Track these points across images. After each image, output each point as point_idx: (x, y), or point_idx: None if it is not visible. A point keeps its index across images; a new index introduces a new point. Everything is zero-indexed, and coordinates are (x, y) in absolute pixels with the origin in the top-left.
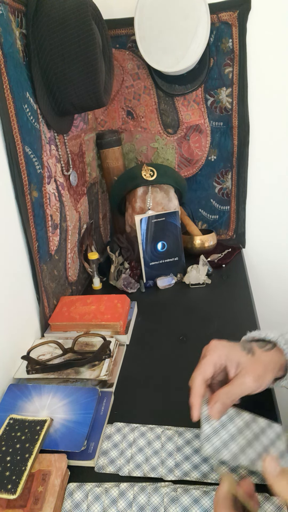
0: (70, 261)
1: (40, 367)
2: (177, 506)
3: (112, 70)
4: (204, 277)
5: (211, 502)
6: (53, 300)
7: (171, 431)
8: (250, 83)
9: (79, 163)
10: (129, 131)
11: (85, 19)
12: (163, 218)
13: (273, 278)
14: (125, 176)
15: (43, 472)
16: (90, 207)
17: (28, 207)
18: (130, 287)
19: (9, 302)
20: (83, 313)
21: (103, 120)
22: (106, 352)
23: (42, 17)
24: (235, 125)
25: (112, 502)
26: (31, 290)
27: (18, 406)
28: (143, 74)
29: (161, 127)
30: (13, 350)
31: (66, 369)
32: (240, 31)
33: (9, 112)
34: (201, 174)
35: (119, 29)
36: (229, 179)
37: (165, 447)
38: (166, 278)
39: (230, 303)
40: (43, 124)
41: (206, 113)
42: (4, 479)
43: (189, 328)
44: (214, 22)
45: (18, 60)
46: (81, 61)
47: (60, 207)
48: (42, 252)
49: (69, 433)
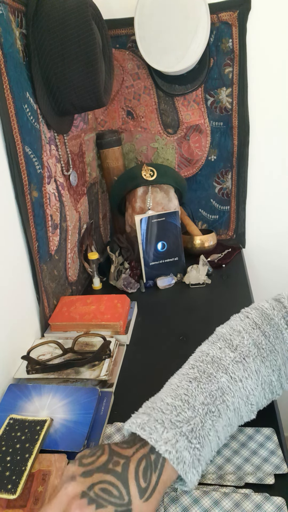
0: (70, 261)
1: (40, 367)
2: (177, 506)
3: (112, 70)
4: (204, 277)
5: (211, 502)
6: (53, 300)
7: None
8: (250, 83)
9: (79, 163)
10: (129, 131)
11: (85, 19)
12: (163, 218)
13: (273, 278)
14: (125, 176)
15: (43, 472)
16: (90, 207)
17: (28, 207)
18: (130, 287)
19: (9, 302)
20: (83, 313)
21: (103, 120)
22: (106, 352)
23: (42, 17)
24: (235, 125)
25: None
26: (31, 290)
27: (18, 406)
28: (143, 74)
29: (161, 127)
30: (13, 350)
31: (66, 369)
32: (240, 31)
33: (9, 112)
34: (201, 174)
35: (119, 29)
36: (229, 179)
37: None
38: (166, 278)
39: (230, 303)
40: (43, 124)
41: (206, 113)
42: (4, 479)
43: (189, 328)
44: (214, 22)
45: (18, 60)
46: (81, 61)
47: (60, 207)
48: (42, 252)
49: (69, 433)
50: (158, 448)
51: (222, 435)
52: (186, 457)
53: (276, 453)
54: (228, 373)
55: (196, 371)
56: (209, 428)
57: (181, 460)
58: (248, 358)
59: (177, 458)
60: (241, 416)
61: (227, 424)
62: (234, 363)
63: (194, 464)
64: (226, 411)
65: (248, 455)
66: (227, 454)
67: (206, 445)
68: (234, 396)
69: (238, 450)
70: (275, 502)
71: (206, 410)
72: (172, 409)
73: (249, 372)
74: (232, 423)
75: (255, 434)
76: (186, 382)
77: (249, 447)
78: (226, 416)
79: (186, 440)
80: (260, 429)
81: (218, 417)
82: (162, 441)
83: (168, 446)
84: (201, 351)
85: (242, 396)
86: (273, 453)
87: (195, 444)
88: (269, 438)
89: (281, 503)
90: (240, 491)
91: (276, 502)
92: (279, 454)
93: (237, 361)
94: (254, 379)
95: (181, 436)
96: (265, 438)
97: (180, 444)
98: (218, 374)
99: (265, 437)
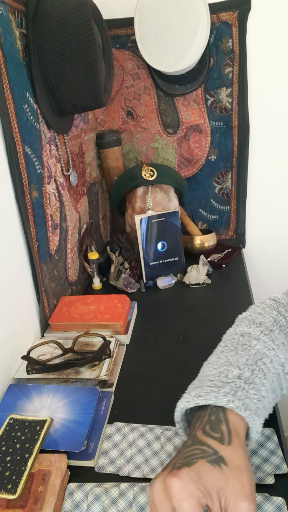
0: (70, 261)
1: (40, 367)
2: None
3: (112, 70)
4: (204, 277)
5: None
6: (53, 300)
7: (171, 431)
8: (250, 83)
9: (79, 163)
10: (129, 131)
11: (85, 19)
12: (163, 218)
13: (273, 278)
14: (125, 176)
15: (43, 472)
16: (90, 207)
17: (28, 207)
18: (130, 287)
19: (9, 302)
20: (83, 313)
21: (103, 120)
22: (106, 352)
23: (42, 17)
24: (235, 125)
25: (112, 502)
26: (31, 290)
27: (18, 406)
28: (143, 74)
29: (161, 127)
30: (13, 350)
31: (66, 369)
32: (240, 31)
33: (9, 112)
34: (201, 174)
35: (119, 29)
36: (229, 179)
37: (164, 448)
38: (166, 278)
39: (230, 303)
40: (43, 124)
41: (206, 113)
42: (4, 479)
43: (189, 328)
44: (214, 22)
45: (18, 60)
46: (81, 61)
47: (60, 207)
48: (42, 252)
49: (69, 433)
50: (220, 403)
51: (268, 400)
52: (250, 404)
53: (276, 453)
54: (260, 342)
55: (230, 346)
56: (260, 383)
57: (246, 408)
58: (273, 332)
59: (242, 404)
60: (281, 387)
61: (271, 388)
62: (263, 335)
63: (258, 413)
64: (268, 373)
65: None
66: None
67: (262, 399)
68: (271, 361)
69: None
70: (275, 502)
71: (251, 369)
72: (219, 374)
73: (278, 343)
74: (274, 387)
75: None
76: (224, 355)
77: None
78: (270, 378)
79: (244, 391)
80: None
81: (263, 378)
82: (221, 395)
83: (229, 397)
84: (229, 333)
85: (278, 363)
86: (273, 453)
87: (253, 394)
88: (269, 438)
89: (281, 503)
90: None
91: (276, 502)
92: (279, 454)
93: (265, 334)
94: (284, 350)
95: (238, 388)
96: (265, 438)
97: (240, 394)
98: (251, 343)
99: (265, 437)
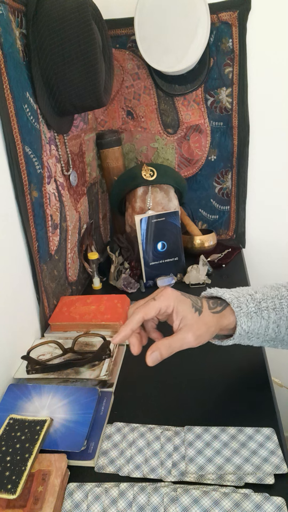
0: (70, 261)
1: (40, 367)
2: (177, 506)
3: (112, 70)
4: (204, 277)
5: (211, 502)
6: (53, 300)
7: (171, 431)
8: (250, 83)
9: (79, 163)
10: (129, 131)
11: (85, 19)
12: (163, 218)
13: (273, 278)
14: (125, 176)
15: (43, 472)
16: (90, 207)
17: (28, 207)
18: (130, 287)
19: (9, 302)
20: (83, 313)
21: (103, 120)
22: (106, 352)
23: (42, 17)
24: (235, 125)
25: (112, 502)
26: (31, 290)
27: (18, 406)
28: (143, 74)
29: (161, 127)
30: (13, 350)
31: (66, 369)
32: (240, 31)
33: (9, 112)
34: (201, 174)
35: (119, 29)
36: (229, 179)
37: (164, 448)
38: (166, 278)
39: None
40: (43, 124)
41: (206, 113)
42: (4, 479)
43: None
44: (214, 22)
45: (18, 60)
46: (81, 61)
47: (60, 207)
48: (42, 252)
49: (69, 433)
50: (223, 295)
51: (268, 326)
52: (243, 307)
53: (276, 453)
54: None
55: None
56: (265, 307)
57: (238, 306)
58: None
59: (237, 300)
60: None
61: (275, 320)
62: None
63: (248, 316)
64: (280, 309)
65: (248, 455)
66: (227, 454)
67: (262, 316)
68: None
69: (238, 450)
70: (275, 502)
71: (265, 297)
72: (240, 288)
73: None
74: (280, 324)
75: (255, 434)
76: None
77: (249, 447)
78: (278, 314)
79: (247, 298)
80: (260, 429)
81: (271, 308)
82: (227, 294)
83: (231, 295)
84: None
85: None
86: (273, 453)
87: (252, 307)
88: (269, 438)
89: (281, 503)
90: (240, 491)
91: (276, 502)
92: (279, 454)
93: None
94: None
95: (242, 295)
96: (265, 438)
97: (242, 299)
98: (280, 289)
99: (265, 437)
